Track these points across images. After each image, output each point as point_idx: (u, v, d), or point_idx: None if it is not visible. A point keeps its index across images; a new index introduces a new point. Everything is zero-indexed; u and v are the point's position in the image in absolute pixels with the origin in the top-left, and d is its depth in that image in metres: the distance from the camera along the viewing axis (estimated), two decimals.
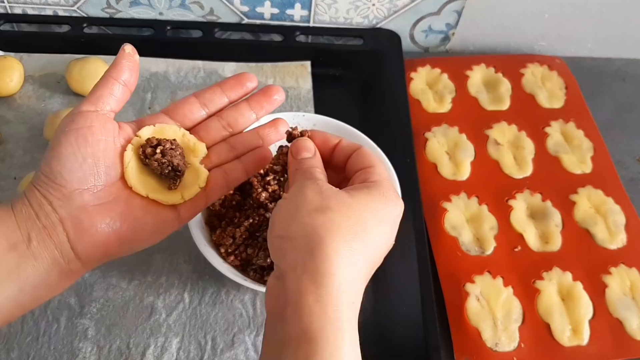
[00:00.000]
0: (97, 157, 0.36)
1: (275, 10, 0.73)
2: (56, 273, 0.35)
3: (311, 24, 0.75)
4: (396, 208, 0.36)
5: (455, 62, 0.72)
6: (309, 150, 0.38)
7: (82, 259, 0.36)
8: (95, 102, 0.37)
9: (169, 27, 0.73)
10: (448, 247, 0.56)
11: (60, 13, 0.74)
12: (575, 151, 0.64)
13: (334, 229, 0.32)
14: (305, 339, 0.29)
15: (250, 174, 0.43)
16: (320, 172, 0.37)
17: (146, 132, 0.40)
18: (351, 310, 0.31)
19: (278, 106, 0.44)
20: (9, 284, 0.33)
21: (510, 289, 0.53)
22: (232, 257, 0.48)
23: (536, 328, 0.51)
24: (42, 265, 0.34)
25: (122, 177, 0.38)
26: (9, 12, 0.74)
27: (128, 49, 0.40)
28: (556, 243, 0.57)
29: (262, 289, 0.46)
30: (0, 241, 0.33)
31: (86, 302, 0.50)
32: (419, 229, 0.56)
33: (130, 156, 0.38)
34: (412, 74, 0.71)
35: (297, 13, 0.73)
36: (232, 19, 0.74)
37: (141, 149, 0.39)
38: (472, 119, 0.67)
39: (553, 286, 0.54)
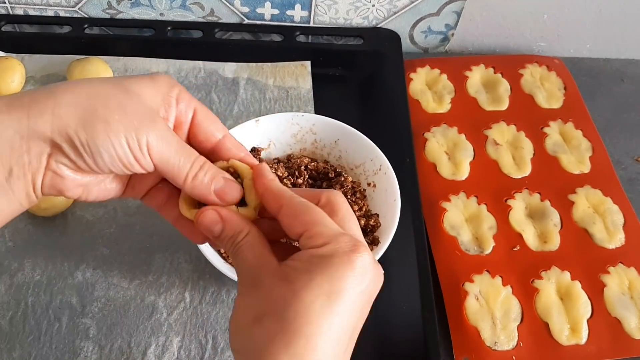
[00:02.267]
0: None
1: (276, 11, 0.74)
2: (26, 202, 0.31)
3: (311, 25, 0.75)
4: (363, 281, 0.29)
5: (454, 63, 0.73)
6: (216, 224, 0.32)
7: (50, 195, 0.32)
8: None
9: (169, 28, 0.73)
10: (447, 246, 0.56)
11: (62, 14, 0.74)
12: (573, 151, 0.65)
13: (271, 341, 0.28)
14: None
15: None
16: (251, 248, 0.31)
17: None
18: None
19: None
20: None
21: (509, 288, 0.53)
22: None
23: (535, 327, 0.51)
24: (17, 197, 0.30)
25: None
26: (11, 13, 0.74)
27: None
28: (555, 243, 0.57)
29: None
30: None
31: (87, 302, 0.50)
32: (418, 228, 0.56)
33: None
34: (412, 75, 0.71)
35: (297, 14, 0.74)
36: (232, 19, 0.74)
37: None
38: (471, 119, 0.67)
39: (552, 285, 0.54)
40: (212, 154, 0.34)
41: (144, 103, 0.31)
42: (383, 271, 0.31)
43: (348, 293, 0.28)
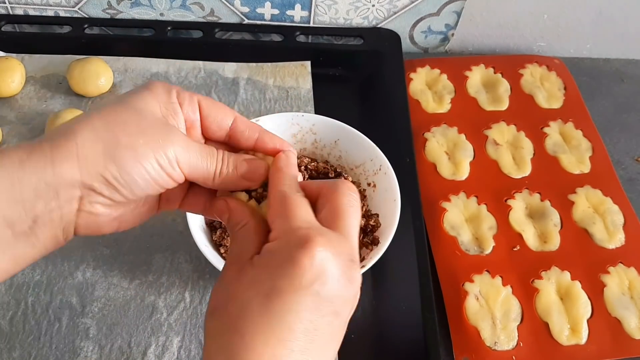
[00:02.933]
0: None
1: (276, 11, 0.74)
2: (53, 247, 0.31)
3: (311, 25, 0.75)
4: (310, 279, 0.27)
5: (454, 63, 0.73)
6: (224, 212, 0.33)
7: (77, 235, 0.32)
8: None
9: (169, 28, 0.73)
10: (447, 246, 0.56)
11: (62, 14, 0.74)
12: (573, 151, 0.65)
13: (212, 338, 0.28)
14: None
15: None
16: (240, 240, 0.31)
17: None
18: None
19: None
20: (3, 259, 0.29)
21: (509, 288, 0.53)
22: None
23: (535, 327, 0.51)
24: (42, 244, 0.30)
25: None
26: (11, 13, 0.74)
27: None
28: (555, 243, 0.57)
29: None
30: None
31: (88, 302, 0.50)
32: (418, 228, 0.56)
33: None
34: (412, 75, 0.71)
35: (297, 14, 0.74)
36: (232, 19, 0.74)
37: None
38: (471, 119, 0.67)
39: (552, 285, 0.54)
40: (229, 139, 0.34)
41: (156, 117, 0.31)
42: (358, 270, 0.29)
43: (287, 292, 0.26)
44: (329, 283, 0.27)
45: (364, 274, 0.47)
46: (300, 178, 0.35)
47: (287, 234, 0.28)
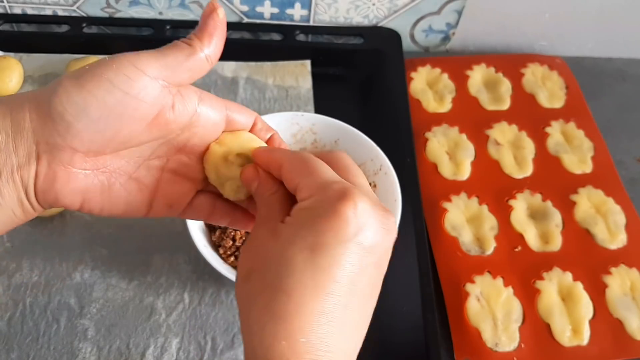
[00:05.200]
0: (129, 139, 0.30)
1: (275, 10, 0.73)
2: (20, 211, 0.29)
3: (311, 24, 0.75)
4: (353, 231, 0.26)
5: (455, 62, 0.72)
6: (254, 180, 0.32)
7: (45, 207, 0.30)
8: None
9: (168, 27, 0.72)
10: (448, 247, 0.56)
11: (60, 13, 0.74)
12: (575, 151, 0.64)
13: (254, 300, 0.26)
14: None
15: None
16: (269, 204, 0.30)
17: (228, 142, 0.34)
18: None
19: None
20: None
21: (510, 289, 0.53)
22: (231, 258, 0.48)
23: (536, 328, 0.51)
24: (8, 204, 0.28)
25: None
26: (9, 12, 0.74)
27: (222, 14, 0.34)
28: (556, 243, 0.57)
29: None
30: None
31: (86, 303, 0.50)
32: (419, 229, 0.56)
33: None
34: (412, 74, 0.71)
35: (297, 13, 0.73)
36: (231, 18, 0.74)
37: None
38: (472, 118, 0.67)
39: (553, 286, 0.53)
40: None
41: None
42: (395, 220, 0.29)
43: (333, 245, 0.26)
44: (371, 233, 0.27)
45: None
46: None
47: (323, 190, 0.27)
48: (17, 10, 0.74)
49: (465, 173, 0.62)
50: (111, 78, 0.28)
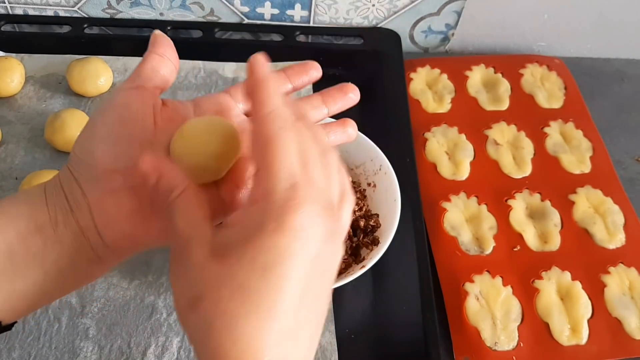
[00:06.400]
0: (133, 138, 0.31)
1: (276, 11, 0.73)
2: (84, 260, 0.32)
3: (311, 25, 0.75)
4: (304, 246, 0.26)
5: (454, 63, 0.73)
6: (151, 173, 0.30)
7: (110, 247, 0.32)
8: (135, 79, 0.33)
9: (169, 28, 0.73)
10: (447, 246, 0.56)
11: (61, 14, 0.74)
12: (574, 151, 0.65)
13: (210, 328, 0.25)
14: None
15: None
16: (183, 211, 0.29)
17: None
18: None
19: (352, 105, 0.39)
20: (34, 268, 0.31)
21: (509, 289, 0.53)
22: None
23: (535, 327, 0.51)
24: (67, 251, 0.31)
25: None
26: (10, 12, 0.74)
27: (158, 32, 0.35)
28: (555, 243, 0.57)
29: None
30: (27, 222, 0.31)
31: (87, 302, 0.50)
32: (418, 228, 0.56)
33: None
34: (412, 74, 0.71)
35: (297, 14, 0.74)
36: (232, 19, 0.74)
37: None
38: (471, 119, 0.67)
39: (552, 286, 0.54)
40: None
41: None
42: (343, 222, 0.28)
43: (282, 262, 0.25)
44: (319, 243, 0.26)
45: (364, 274, 0.47)
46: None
47: (270, 196, 0.26)
48: (19, 11, 0.74)
49: (464, 173, 0.62)
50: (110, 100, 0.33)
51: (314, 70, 0.37)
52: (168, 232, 0.30)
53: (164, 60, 0.34)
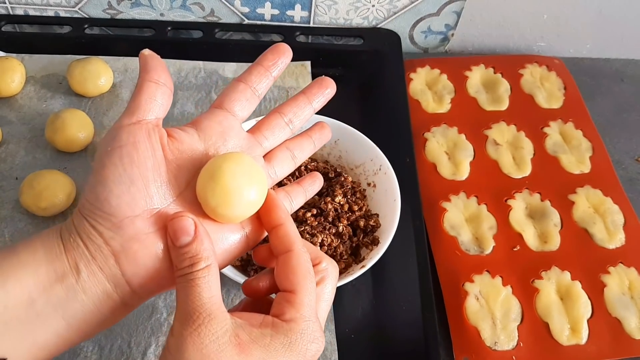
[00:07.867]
0: (147, 177, 0.31)
1: (276, 12, 0.74)
2: (108, 308, 0.31)
3: (311, 25, 0.75)
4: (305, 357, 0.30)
5: (454, 63, 0.73)
6: (187, 235, 0.30)
7: (138, 292, 0.31)
8: (135, 112, 0.32)
9: (169, 28, 0.73)
10: (447, 246, 0.56)
11: (62, 14, 0.74)
12: (574, 151, 0.65)
13: None
14: None
15: (307, 198, 0.40)
16: (208, 285, 0.30)
17: None
18: None
19: (329, 99, 0.41)
20: (55, 318, 0.30)
21: (509, 288, 0.53)
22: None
23: (535, 327, 0.51)
24: (91, 299, 0.30)
25: (180, 196, 0.32)
26: (11, 13, 0.74)
27: (147, 52, 0.34)
28: (555, 243, 0.57)
29: None
30: (47, 271, 0.30)
31: None
32: (418, 228, 0.56)
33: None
34: (412, 75, 0.71)
35: (297, 14, 0.74)
36: (232, 19, 0.74)
37: None
38: (471, 119, 0.67)
39: (552, 285, 0.54)
40: None
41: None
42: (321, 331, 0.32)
43: None
44: (318, 352, 0.32)
45: (364, 274, 0.47)
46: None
47: (306, 321, 0.31)
48: (20, 11, 0.74)
49: (464, 173, 0.62)
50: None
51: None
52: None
53: (159, 87, 0.33)
